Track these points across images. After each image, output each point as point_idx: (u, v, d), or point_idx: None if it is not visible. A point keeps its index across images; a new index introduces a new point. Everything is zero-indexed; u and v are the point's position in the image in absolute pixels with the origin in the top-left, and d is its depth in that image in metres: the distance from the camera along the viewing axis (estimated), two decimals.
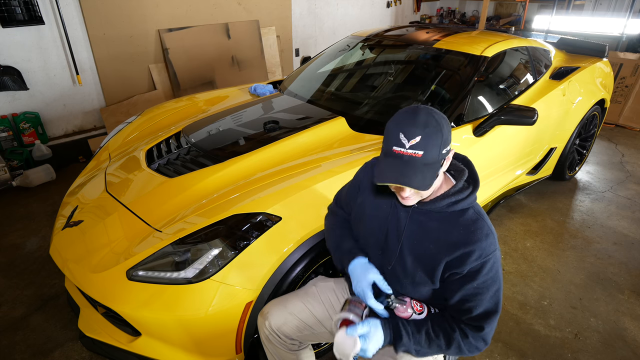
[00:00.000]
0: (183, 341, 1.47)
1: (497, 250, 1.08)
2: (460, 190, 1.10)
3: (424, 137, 0.97)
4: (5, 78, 3.38)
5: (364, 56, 2.92)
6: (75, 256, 1.65)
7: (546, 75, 2.96)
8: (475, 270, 1.05)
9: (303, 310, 1.36)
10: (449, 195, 1.09)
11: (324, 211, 1.62)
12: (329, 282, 1.46)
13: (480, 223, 1.08)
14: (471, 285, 1.06)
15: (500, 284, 1.09)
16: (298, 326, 1.35)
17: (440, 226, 1.10)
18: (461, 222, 1.09)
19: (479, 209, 1.12)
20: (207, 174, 1.85)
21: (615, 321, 2.13)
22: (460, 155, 1.23)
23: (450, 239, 1.08)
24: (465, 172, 1.15)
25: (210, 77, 4.63)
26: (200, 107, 2.71)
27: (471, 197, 1.10)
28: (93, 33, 3.83)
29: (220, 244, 1.47)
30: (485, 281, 1.06)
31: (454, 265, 1.07)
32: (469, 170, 1.17)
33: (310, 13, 5.84)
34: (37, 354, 1.88)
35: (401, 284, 1.19)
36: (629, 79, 4.90)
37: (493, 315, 1.08)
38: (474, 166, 1.19)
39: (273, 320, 1.35)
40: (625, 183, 3.53)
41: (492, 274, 1.06)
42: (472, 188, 1.12)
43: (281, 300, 1.40)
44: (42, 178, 3.33)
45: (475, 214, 1.10)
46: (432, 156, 0.98)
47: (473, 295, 1.06)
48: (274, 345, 1.37)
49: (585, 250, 2.67)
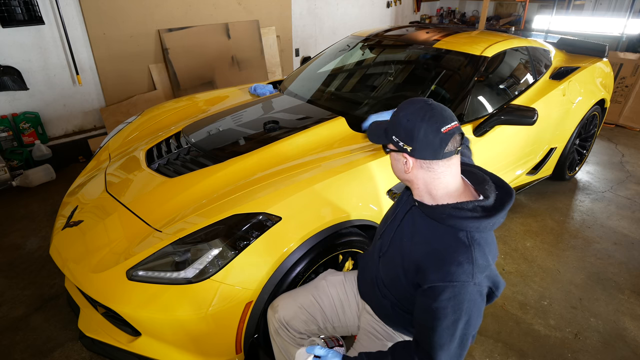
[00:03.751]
0: (183, 341, 1.47)
1: (469, 283, 0.97)
2: (465, 209, 1.01)
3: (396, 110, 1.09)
4: (5, 78, 3.38)
5: (364, 56, 2.92)
6: (75, 256, 1.65)
7: (546, 75, 2.96)
8: (436, 289, 0.99)
9: (312, 304, 1.38)
10: (448, 207, 1.03)
11: (323, 211, 1.62)
12: (338, 276, 1.47)
13: (463, 249, 0.99)
14: (429, 305, 1.00)
15: (462, 321, 0.99)
16: (306, 320, 1.37)
17: (427, 233, 1.07)
18: (445, 239, 1.02)
19: (478, 239, 1.01)
20: (207, 174, 1.85)
21: (615, 321, 2.13)
22: (504, 186, 1.11)
23: (428, 249, 1.04)
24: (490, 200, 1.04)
25: (210, 77, 4.63)
26: (200, 107, 2.71)
27: (471, 222, 1.00)
28: (93, 33, 3.83)
29: (220, 244, 1.47)
30: (444, 307, 0.97)
31: (419, 274, 1.03)
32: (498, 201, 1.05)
33: (310, 13, 5.84)
34: (37, 354, 1.88)
35: (385, 274, 1.21)
36: (629, 79, 4.90)
37: (444, 349, 1.00)
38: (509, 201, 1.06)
39: (283, 313, 1.36)
40: (625, 183, 3.53)
41: (453, 302, 0.97)
42: (483, 216, 1.01)
43: (291, 294, 1.41)
44: (42, 178, 3.33)
45: (466, 239, 1.00)
46: (388, 129, 1.09)
47: (429, 316, 1.00)
48: (283, 339, 1.38)
49: (585, 250, 2.67)
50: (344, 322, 1.43)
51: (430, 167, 1.04)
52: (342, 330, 1.45)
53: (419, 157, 1.04)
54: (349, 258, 1.82)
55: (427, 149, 1.02)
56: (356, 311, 1.43)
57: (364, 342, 1.33)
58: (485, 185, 1.09)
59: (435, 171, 1.04)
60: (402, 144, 1.04)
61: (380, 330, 1.32)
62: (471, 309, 1.00)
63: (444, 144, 1.00)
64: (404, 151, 1.05)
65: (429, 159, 1.03)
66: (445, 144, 1.01)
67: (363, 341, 1.34)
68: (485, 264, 1.01)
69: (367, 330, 1.35)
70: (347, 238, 1.68)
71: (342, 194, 1.69)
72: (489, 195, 1.06)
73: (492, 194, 1.07)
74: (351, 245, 1.70)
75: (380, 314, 1.31)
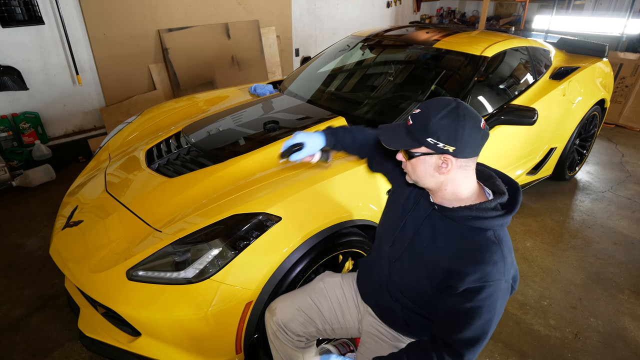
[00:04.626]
0: (183, 341, 1.47)
1: (502, 281, 1.01)
2: (487, 208, 1.03)
3: (421, 112, 1.03)
4: (5, 78, 3.38)
5: (364, 56, 2.92)
6: (75, 256, 1.65)
7: (546, 75, 2.96)
8: (473, 291, 1.00)
9: (310, 307, 1.37)
10: (472, 209, 1.04)
11: (323, 211, 1.62)
12: (336, 278, 1.46)
13: (494, 248, 1.02)
14: (464, 305, 1.00)
15: (495, 317, 1.02)
16: (304, 322, 1.36)
17: (453, 236, 1.07)
18: (475, 240, 1.03)
19: (502, 236, 1.04)
20: (207, 174, 1.85)
21: (615, 321, 2.13)
22: (510, 180, 1.15)
23: (458, 252, 1.04)
24: (505, 196, 1.08)
25: (210, 77, 4.63)
26: (200, 107, 2.71)
27: (497, 220, 1.03)
28: (93, 33, 3.84)
29: (220, 244, 1.47)
30: (480, 307, 0.99)
31: (453, 278, 1.03)
32: (511, 196, 1.09)
33: (310, 13, 5.84)
34: (37, 354, 1.88)
35: (401, 280, 1.19)
36: (629, 79, 4.90)
37: (476, 344, 1.01)
38: (520, 194, 1.11)
39: (281, 315, 1.35)
40: (625, 183, 3.53)
41: (489, 302, 1.00)
42: (504, 213, 1.05)
43: (289, 296, 1.40)
44: (42, 178, 3.33)
45: (493, 237, 1.03)
46: (415, 131, 1.03)
47: (463, 316, 1.01)
48: (281, 341, 1.37)
49: (585, 250, 2.67)
50: (343, 324, 1.42)
51: (468, 166, 1.05)
52: (341, 332, 1.44)
53: (461, 157, 1.02)
54: (349, 258, 1.82)
55: (471, 147, 1.02)
56: (356, 314, 1.42)
57: (370, 345, 1.32)
58: (495, 182, 1.11)
59: (470, 169, 1.06)
60: (442, 145, 1.00)
61: (384, 332, 1.31)
62: (502, 306, 1.03)
63: (484, 139, 1.03)
64: (445, 152, 1.01)
65: (469, 157, 1.03)
66: (486, 139, 1.03)
67: (368, 344, 1.33)
68: (511, 259, 1.05)
69: (371, 332, 1.34)
70: (347, 238, 1.67)
71: (342, 194, 1.69)
72: (503, 191, 1.09)
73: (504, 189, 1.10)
74: (351, 246, 1.70)
75: (385, 317, 1.30)
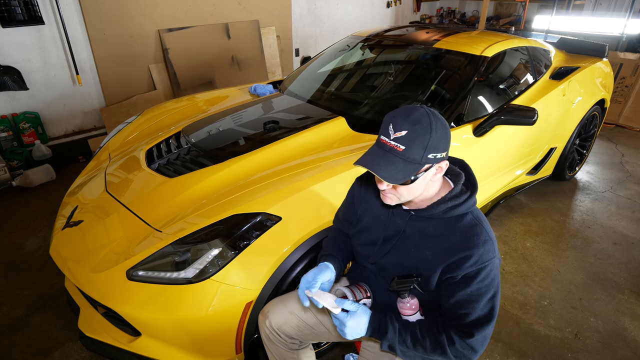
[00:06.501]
0: (183, 341, 1.47)
1: (495, 258, 1.05)
2: (458, 194, 1.08)
3: (410, 132, 0.97)
4: (5, 78, 3.38)
5: (364, 56, 2.92)
6: (75, 256, 1.65)
7: (546, 75, 2.96)
8: (471, 276, 1.03)
9: (304, 309, 1.36)
10: (446, 201, 1.07)
11: (323, 211, 1.62)
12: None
13: (479, 229, 1.06)
14: (464, 291, 1.04)
15: (497, 291, 1.06)
16: (298, 325, 1.35)
17: (438, 232, 1.09)
18: (459, 228, 1.07)
19: (478, 214, 1.10)
20: (207, 174, 1.85)
21: (615, 321, 2.13)
22: (457, 159, 1.21)
23: (447, 245, 1.07)
24: (462, 175, 1.13)
25: (210, 77, 4.63)
26: (200, 107, 2.71)
27: (469, 201, 1.08)
28: (93, 33, 3.84)
29: (220, 244, 1.47)
30: (480, 288, 1.03)
31: (450, 270, 1.05)
32: (466, 173, 1.15)
33: (310, 13, 5.84)
34: (37, 354, 1.88)
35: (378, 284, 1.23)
36: (629, 79, 4.90)
37: (485, 322, 1.04)
38: (471, 169, 1.17)
39: (274, 319, 1.34)
40: (625, 183, 3.53)
41: (487, 281, 1.03)
42: (470, 192, 1.10)
43: (282, 299, 1.40)
44: (42, 178, 3.33)
45: (473, 220, 1.08)
46: (413, 155, 0.98)
47: (466, 302, 1.04)
48: (275, 344, 1.37)
49: (585, 250, 2.67)
50: None
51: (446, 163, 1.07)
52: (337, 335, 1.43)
53: (447, 157, 1.05)
54: None
55: (449, 145, 1.04)
56: None
57: (371, 347, 1.31)
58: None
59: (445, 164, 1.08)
60: (440, 155, 1.01)
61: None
62: (499, 281, 1.07)
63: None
64: (441, 160, 1.02)
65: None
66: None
67: (370, 347, 1.32)
68: (494, 234, 1.08)
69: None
70: None
71: (343, 194, 1.68)
72: (457, 171, 1.14)
73: (456, 168, 1.16)
74: None
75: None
